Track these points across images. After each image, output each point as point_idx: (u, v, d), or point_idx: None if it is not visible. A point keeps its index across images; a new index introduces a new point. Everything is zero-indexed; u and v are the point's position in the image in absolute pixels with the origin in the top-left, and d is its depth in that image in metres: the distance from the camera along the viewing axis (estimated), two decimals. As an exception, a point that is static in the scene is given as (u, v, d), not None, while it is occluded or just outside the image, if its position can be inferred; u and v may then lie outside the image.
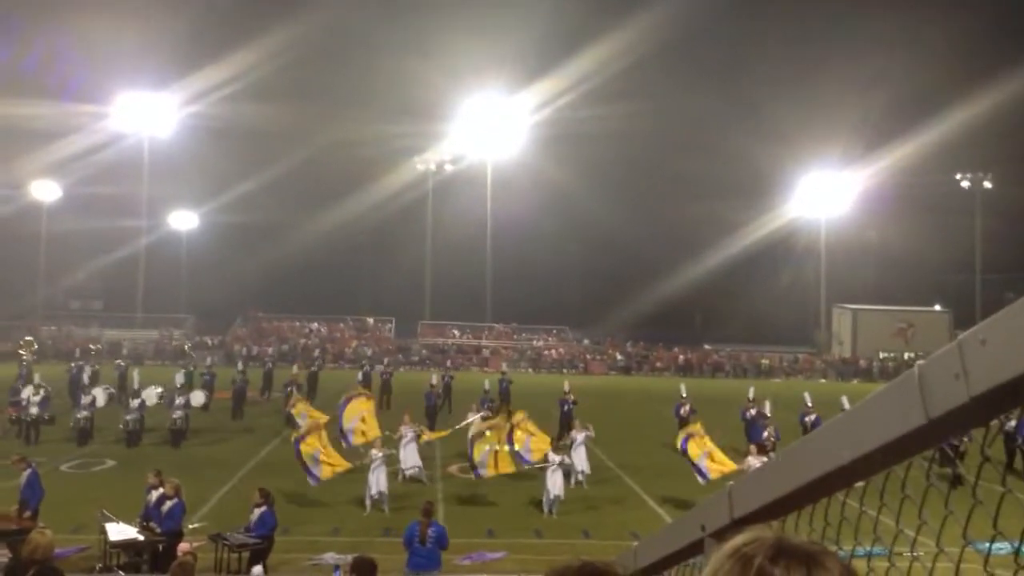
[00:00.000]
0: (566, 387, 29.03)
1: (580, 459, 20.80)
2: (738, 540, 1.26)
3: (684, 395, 28.19)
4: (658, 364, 59.60)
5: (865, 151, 63.55)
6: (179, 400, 25.70)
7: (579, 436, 21.22)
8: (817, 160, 64.05)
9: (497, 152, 66.26)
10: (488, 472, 18.80)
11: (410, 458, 20.35)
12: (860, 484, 1.67)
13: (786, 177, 65.28)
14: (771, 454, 19.33)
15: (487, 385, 30.90)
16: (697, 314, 70.22)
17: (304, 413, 21.38)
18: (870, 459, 1.50)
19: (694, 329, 67.46)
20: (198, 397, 29.22)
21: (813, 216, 67.17)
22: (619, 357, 60.30)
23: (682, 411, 27.28)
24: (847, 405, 24.42)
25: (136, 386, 26.93)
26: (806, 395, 26.84)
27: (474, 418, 21.21)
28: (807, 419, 25.21)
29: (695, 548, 2.19)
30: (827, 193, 65.14)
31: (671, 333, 63.15)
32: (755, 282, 65.73)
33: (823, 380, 56.02)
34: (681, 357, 60.43)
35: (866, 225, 68.76)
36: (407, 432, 20.56)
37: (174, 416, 25.08)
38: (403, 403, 29.39)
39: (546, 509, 18.20)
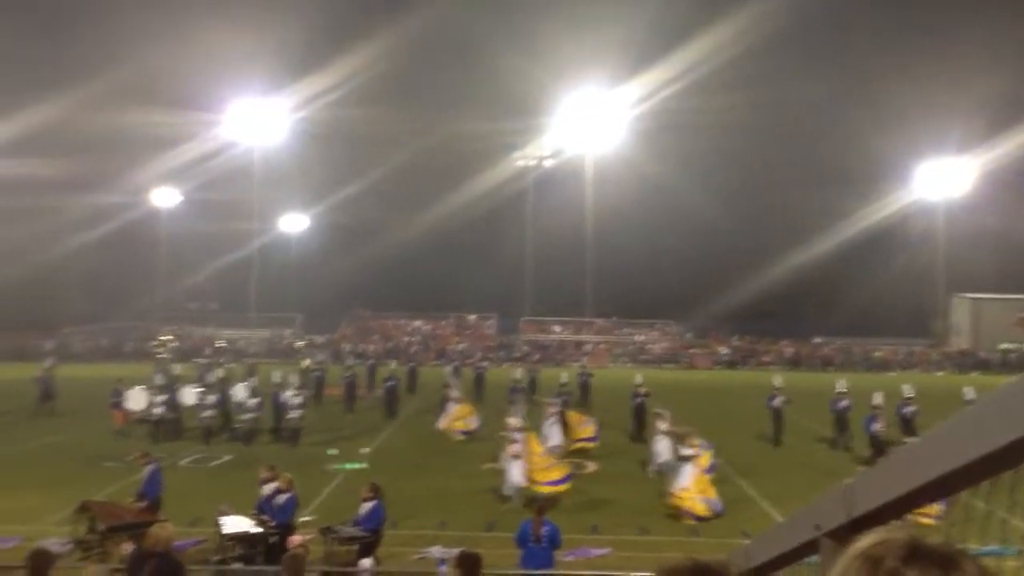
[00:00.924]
0: (638, 380, 28.27)
1: (663, 449, 20.23)
2: (868, 541, 1.19)
3: (778, 386, 27.25)
4: (765, 358, 58.27)
5: (985, 134, 60.52)
6: (296, 399, 25.62)
7: (662, 426, 20.77)
8: (934, 144, 61.27)
9: (597, 145, 65.86)
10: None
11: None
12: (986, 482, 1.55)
13: (901, 162, 62.74)
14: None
15: (564, 378, 30.63)
16: (806, 306, 68.25)
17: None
18: (999, 456, 1.38)
19: (803, 321, 65.58)
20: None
21: (930, 202, 64.37)
22: (724, 351, 59.23)
23: (775, 402, 26.54)
24: (970, 397, 23.60)
25: (252, 384, 27.28)
26: (905, 387, 26.09)
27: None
28: (906, 411, 24.58)
29: (809, 548, 2.08)
30: (945, 178, 62.31)
31: (778, 326, 61.62)
32: (868, 271, 63.39)
33: (940, 373, 53.72)
34: (789, 351, 58.93)
35: (986, 210, 65.41)
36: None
37: (290, 416, 25.21)
38: (495, 398, 29.73)
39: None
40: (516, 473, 18.38)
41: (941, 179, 62.30)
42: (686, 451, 18.14)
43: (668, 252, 67.33)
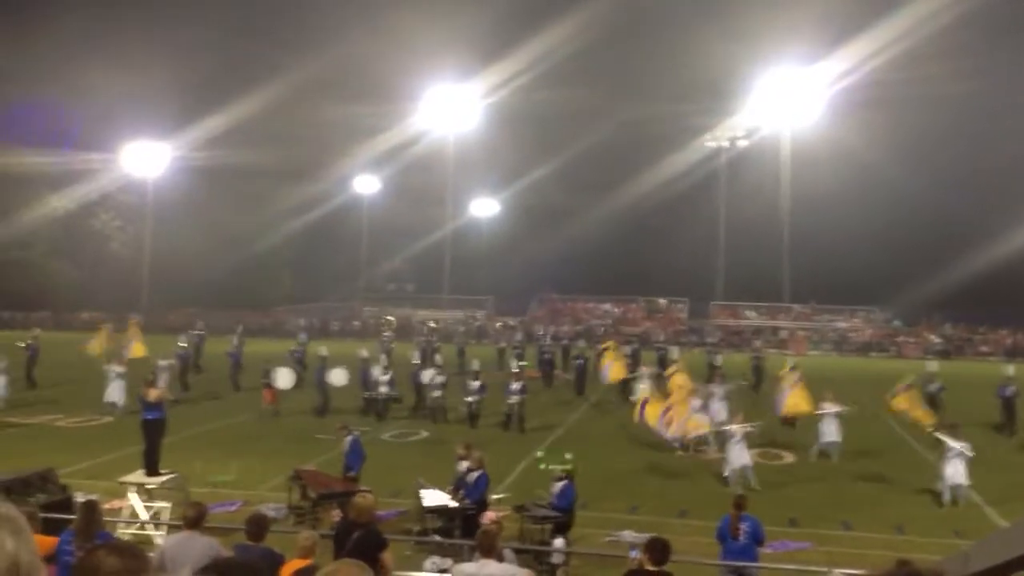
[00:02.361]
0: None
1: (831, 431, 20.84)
2: None
3: (1011, 374, 25.96)
4: (982, 347, 54.06)
5: None
6: (515, 385, 25.01)
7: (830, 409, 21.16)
8: None
9: (794, 123, 63.13)
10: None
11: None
12: None
13: None
14: None
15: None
16: (1027, 292, 62.66)
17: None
18: None
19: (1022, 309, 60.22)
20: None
21: None
22: (936, 340, 55.43)
23: (1007, 392, 24.98)
24: None
25: (475, 367, 27.28)
26: (1009, 368, 25.93)
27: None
28: (1007, 392, 24.42)
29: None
30: None
31: (998, 312, 56.85)
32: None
33: None
34: (1010, 340, 54.41)
35: None
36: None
37: (510, 401, 24.62)
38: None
39: (947, 497, 17.25)
40: (737, 454, 18.62)
41: None
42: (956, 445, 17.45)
43: (870, 235, 63.64)
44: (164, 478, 15.40)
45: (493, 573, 7.87)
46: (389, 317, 57.71)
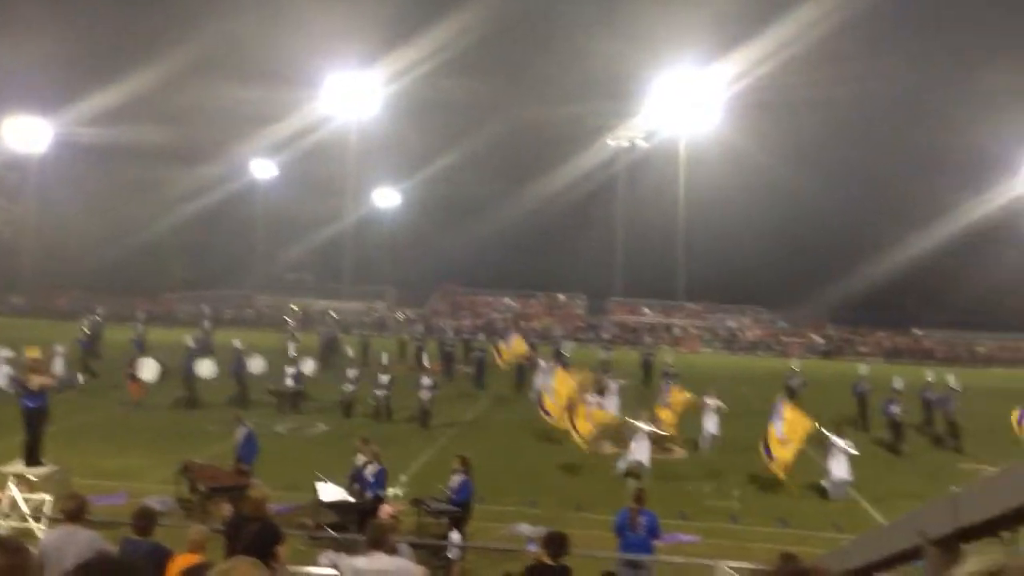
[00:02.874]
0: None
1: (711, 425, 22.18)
2: (981, 566, 1.16)
3: (864, 373, 28.71)
4: (862, 349, 56.65)
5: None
6: (426, 380, 24.49)
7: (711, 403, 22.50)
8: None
9: (691, 126, 64.74)
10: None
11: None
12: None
13: (1009, 150, 59.81)
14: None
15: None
16: (907, 296, 65.94)
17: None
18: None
19: (903, 312, 63.40)
20: (309, 365, 27.62)
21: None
22: (819, 340, 57.80)
23: (861, 388, 27.41)
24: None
25: (385, 361, 26.76)
26: (863, 367, 29.28)
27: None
28: (860, 388, 26.97)
29: (913, 554, 2.08)
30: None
31: (878, 316, 59.71)
32: (973, 263, 60.82)
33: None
34: (888, 342, 57.17)
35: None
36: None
37: (422, 396, 24.15)
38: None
39: (831, 493, 18.07)
40: (639, 448, 19.04)
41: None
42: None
43: (763, 237, 65.83)
44: (46, 469, 14.80)
45: (384, 567, 7.81)
46: (294, 307, 56.51)
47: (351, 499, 14.15)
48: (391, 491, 15.40)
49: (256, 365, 26.57)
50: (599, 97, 62.83)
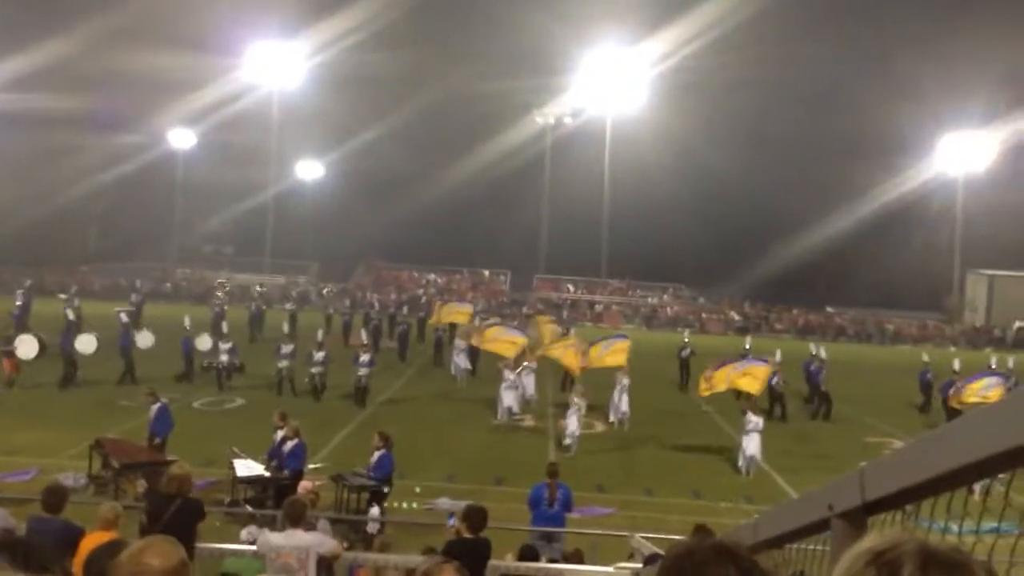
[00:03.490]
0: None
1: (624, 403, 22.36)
2: (875, 544, 1.18)
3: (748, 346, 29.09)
4: (777, 326, 58.20)
5: (1009, 106, 59.49)
6: (364, 357, 24.02)
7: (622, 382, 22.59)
8: (956, 117, 60.26)
9: (617, 105, 65.18)
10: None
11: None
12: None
13: (922, 135, 61.83)
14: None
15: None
16: (821, 276, 67.91)
17: None
18: (1018, 453, 1.40)
19: (817, 291, 65.32)
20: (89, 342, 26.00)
21: (950, 176, 63.58)
22: (736, 317, 59.15)
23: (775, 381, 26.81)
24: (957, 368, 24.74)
25: (319, 337, 25.87)
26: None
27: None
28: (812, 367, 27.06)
29: (820, 526, 2.13)
30: (966, 152, 61.43)
31: (793, 294, 61.38)
32: (884, 244, 62.94)
33: (952, 348, 53.53)
34: (802, 319, 58.82)
35: (1007, 186, 64.57)
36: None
37: (360, 373, 23.69)
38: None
39: (743, 467, 18.48)
40: (573, 422, 19.50)
41: (963, 152, 61.45)
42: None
43: (685, 215, 66.80)
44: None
45: (300, 543, 7.78)
46: (222, 281, 55.14)
47: (267, 474, 14.00)
48: (311, 466, 15.28)
49: (144, 339, 25.83)
50: (527, 73, 62.74)
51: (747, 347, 28.49)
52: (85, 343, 24.91)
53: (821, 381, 26.07)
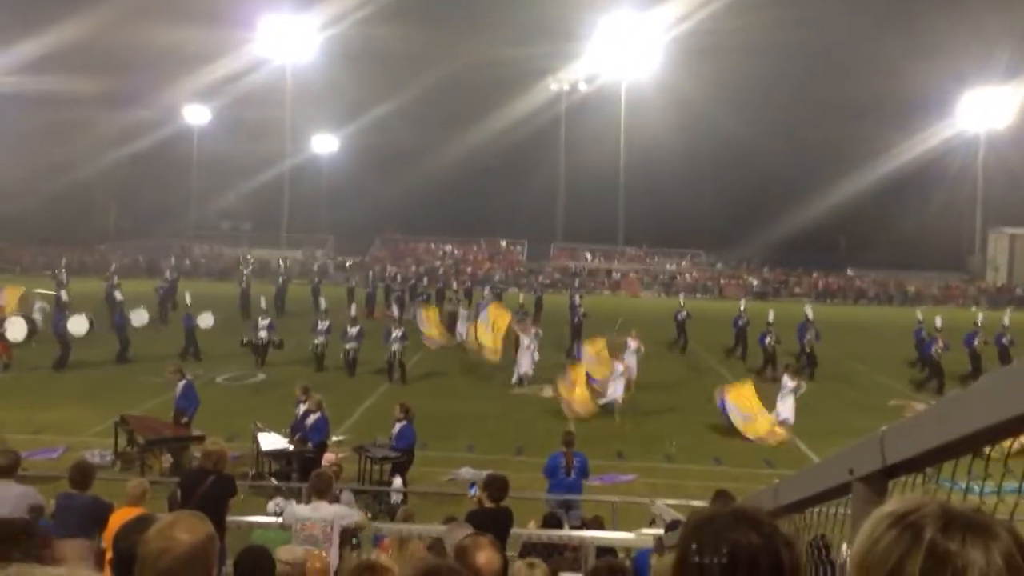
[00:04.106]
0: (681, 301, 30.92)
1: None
2: (897, 506, 1.20)
3: (741, 309, 29.71)
4: (797, 290, 57.92)
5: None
6: (396, 332, 23.75)
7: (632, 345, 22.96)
8: (977, 73, 59.35)
9: (632, 70, 64.58)
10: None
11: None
12: None
13: (942, 92, 60.91)
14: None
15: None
16: (840, 238, 67.41)
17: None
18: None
19: (837, 254, 64.87)
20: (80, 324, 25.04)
21: (971, 134, 62.74)
22: (755, 282, 58.88)
23: (767, 340, 26.33)
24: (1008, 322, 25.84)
25: (353, 313, 25.90)
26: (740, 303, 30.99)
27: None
28: (739, 322, 28.67)
29: (841, 490, 2.13)
30: (988, 109, 60.52)
31: (812, 258, 60.99)
32: (905, 204, 62.21)
33: (975, 308, 53.11)
34: (821, 283, 58.51)
35: (1029, 142, 63.68)
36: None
37: (393, 348, 23.45)
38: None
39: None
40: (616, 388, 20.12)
41: (984, 109, 60.57)
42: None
43: (702, 181, 66.38)
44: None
45: (326, 515, 7.91)
46: (248, 256, 55.25)
47: (291, 448, 14.14)
48: (334, 438, 15.42)
49: (138, 317, 25.84)
50: (540, 40, 62.20)
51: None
52: (76, 324, 24.37)
53: (806, 343, 26.21)
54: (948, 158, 64.14)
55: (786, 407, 18.83)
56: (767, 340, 25.42)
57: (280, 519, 8.74)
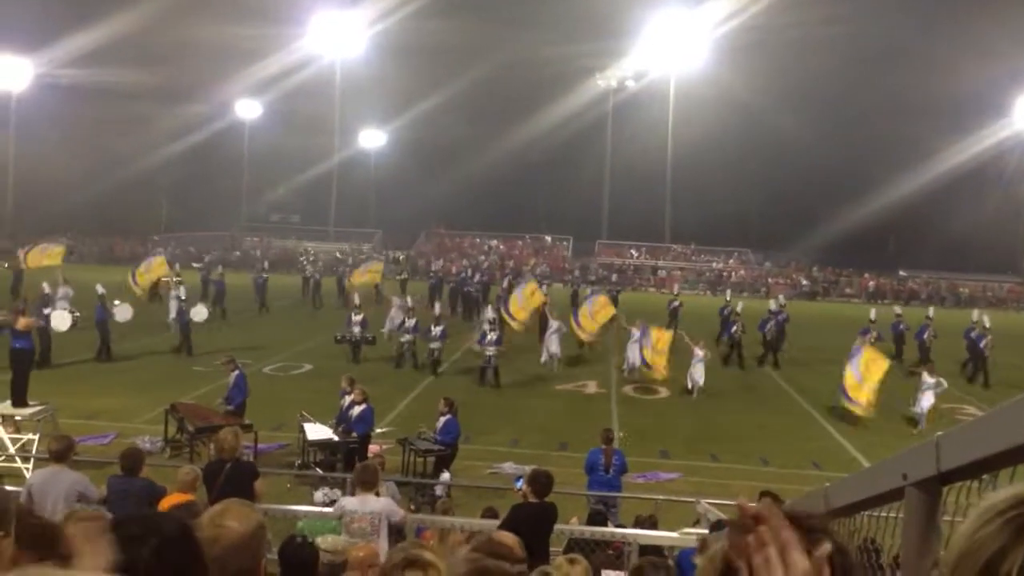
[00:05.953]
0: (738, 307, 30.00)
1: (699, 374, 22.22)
2: (1001, 500, 1.16)
3: (779, 305, 30.19)
4: (847, 290, 57.03)
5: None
6: (436, 330, 23.69)
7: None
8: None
9: (681, 67, 64.04)
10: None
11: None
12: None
13: (999, 92, 59.40)
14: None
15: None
16: (892, 238, 66.18)
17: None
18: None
19: (888, 254, 63.70)
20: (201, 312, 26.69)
21: (1028, 134, 61.16)
22: (804, 282, 58.09)
23: (869, 337, 26.11)
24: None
25: (437, 312, 25.88)
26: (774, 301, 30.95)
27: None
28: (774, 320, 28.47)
29: (894, 495, 2.11)
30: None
31: (862, 258, 59.98)
32: (959, 205, 60.88)
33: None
34: (872, 283, 57.54)
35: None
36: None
37: (432, 346, 23.59)
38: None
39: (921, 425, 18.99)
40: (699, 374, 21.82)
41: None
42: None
43: (750, 179, 65.57)
44: (32, 409, 14.85)
45: (375, 509, 8.00)
46: (309, 247, 55.90)
47: (336, 438, 14.30)
48: (378, 430, 15.56)
49: (122, 313, 25.99)
50: (588, 37, 61.91)
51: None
52: (198, 313, 25.91)
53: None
54: (1003, 159, 62.66)
55: (926, 400, 19.37)
56: (734, 328, 26.67)
57: (326, 509, 8.86)
